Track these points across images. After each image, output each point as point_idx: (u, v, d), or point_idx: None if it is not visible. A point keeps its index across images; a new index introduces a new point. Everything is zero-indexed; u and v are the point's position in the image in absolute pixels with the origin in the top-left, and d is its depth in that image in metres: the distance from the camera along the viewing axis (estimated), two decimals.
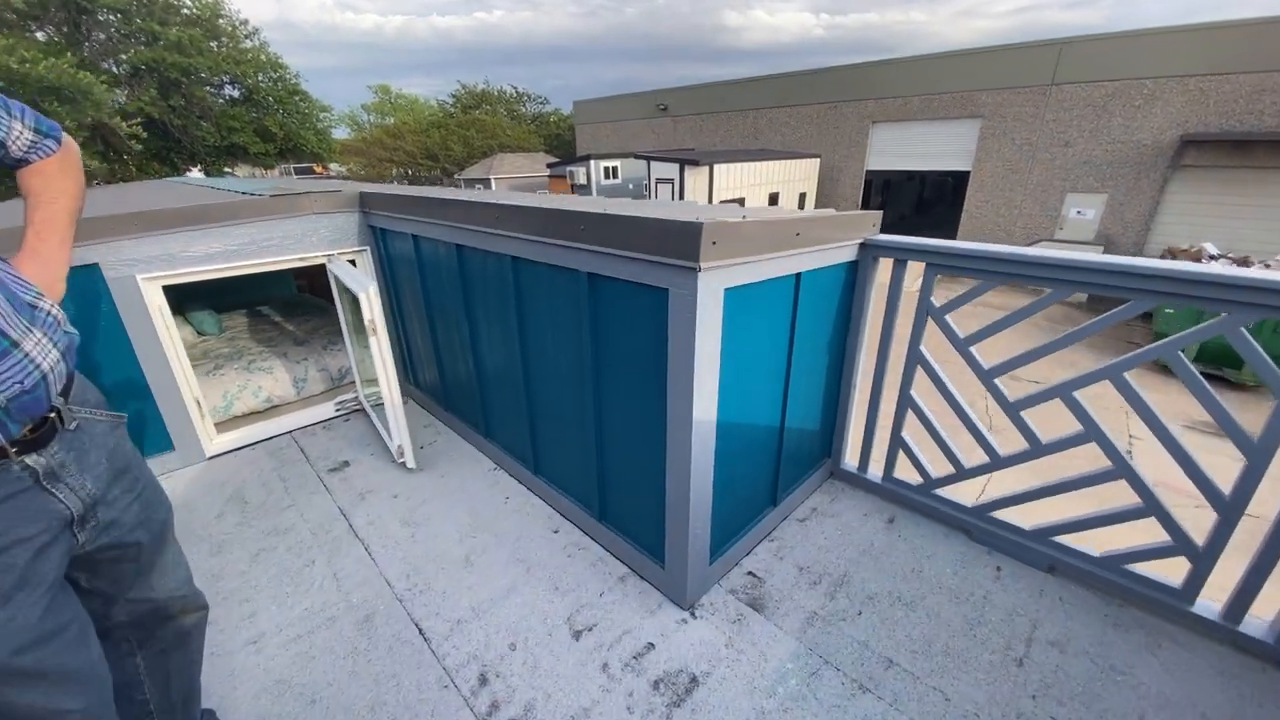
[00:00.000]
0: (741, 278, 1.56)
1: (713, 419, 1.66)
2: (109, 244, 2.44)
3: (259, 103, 21.63)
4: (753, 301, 1.69)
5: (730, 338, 1.63)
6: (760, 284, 1.68)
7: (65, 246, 1.06)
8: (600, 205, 1.81)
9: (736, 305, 1.61)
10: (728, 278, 1.51)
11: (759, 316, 1.76)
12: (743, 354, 1.74)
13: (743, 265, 1.54)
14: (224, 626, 1.90)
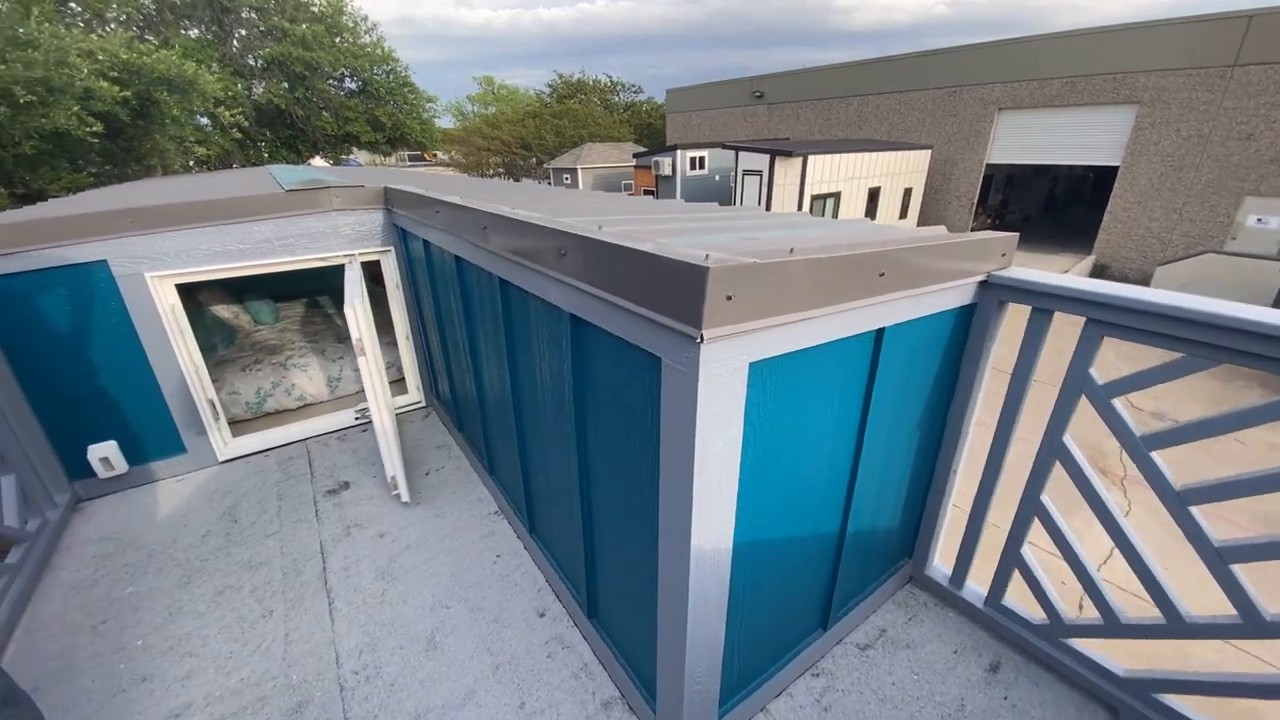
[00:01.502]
0: (779, 344, 1.02)
1: (725, 537, 1.13)
2: (116, 240, 2.32)
3: (372, 94, 23.13)
4: (800, 376, 1.13)
5: (760, 426, 1.09)
6: (814, 351, 1.11)
7: None
8: (593, 225, 1.32)
9: (771, 383, 1.07)
10: (754, 347, 0.97)
11: (811, 394, 1.20)
12: (780, 446, 1.19)
13: (782, 327, 0.99)
14: (157, 684, 1.67)
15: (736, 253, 0.96)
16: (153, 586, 2.06)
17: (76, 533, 2.33)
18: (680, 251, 0.94)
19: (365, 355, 2.16)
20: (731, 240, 1.35)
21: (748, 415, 1.04)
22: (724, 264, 0.84)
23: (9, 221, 2.15)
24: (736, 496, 1.10)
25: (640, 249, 0.96)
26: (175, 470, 2.72)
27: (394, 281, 3.09)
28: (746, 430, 1.05)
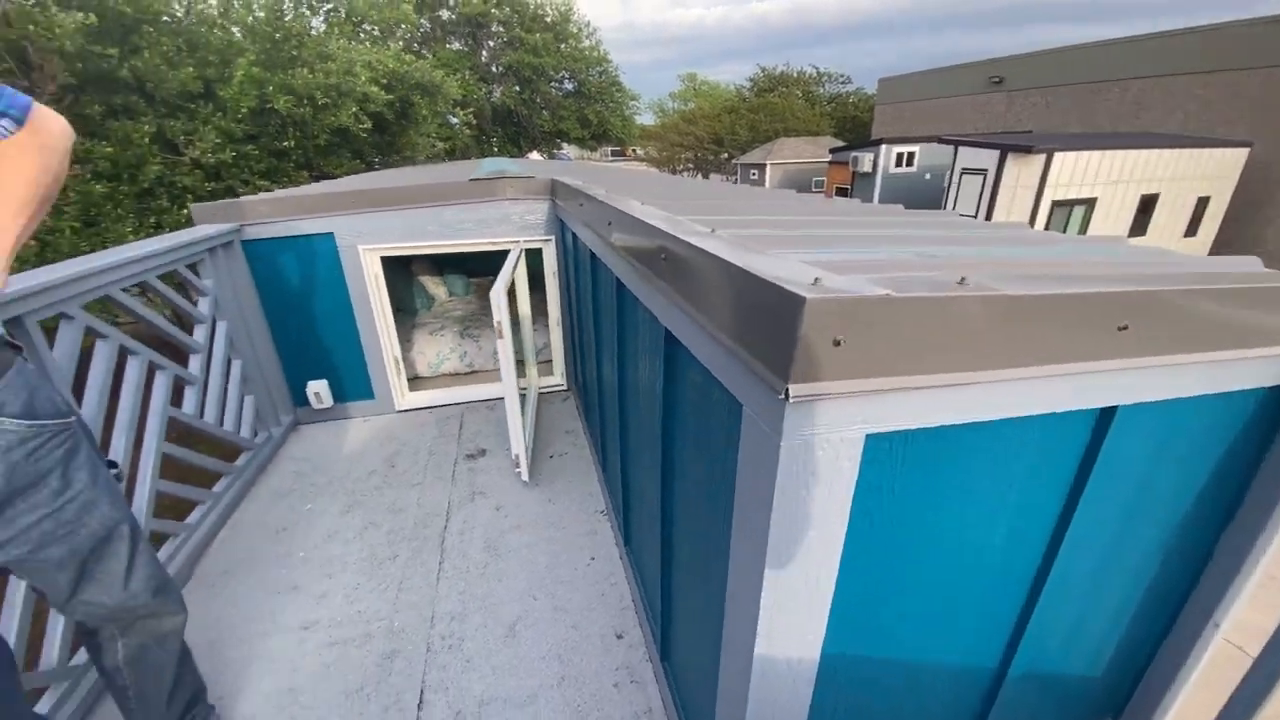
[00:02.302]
0: (921, 414, 0.72)
1: (809, 648, 0.87)
2: (342, 217, 2.79)
3: (585, 94, 25.34)
4: (955, 459, 0.80)
5: (881, 519, 0.80)
6: (984, 428, 0.78)
7: (6, 237, 0.97)
8: (705, 227, 1.11)
9: (903, 464, 0.77)
10: (878, 412, 0.69)
11: (973, 486, 0.85)
12: (912, 546, 0.87)
13: (929, 391, 0.69)
14: (301, 595, 1.96)
15: (875, 277, 0.69)
16: (323, 509, 2.45)
17: (288, 450, 2.90)
18: (781, 269, 0.70)
19: (503, 338, 2.27)
20: (887, 257, 1.03)
21: (860, 502, 0.76)
22: (833, 295, 0.59)
23: (269, 198, 2.73)
24: (832, 600, 0.83)
25: (730, 261, 0.75)
26: (363, 412, 3.24)
27: (551, 269, 3.24)
28: (856, 520, 0.78)
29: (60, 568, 1.06)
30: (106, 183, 4.94)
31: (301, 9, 6.95)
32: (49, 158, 0.99)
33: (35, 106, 0.99)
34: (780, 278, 0.66)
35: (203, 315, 2.44)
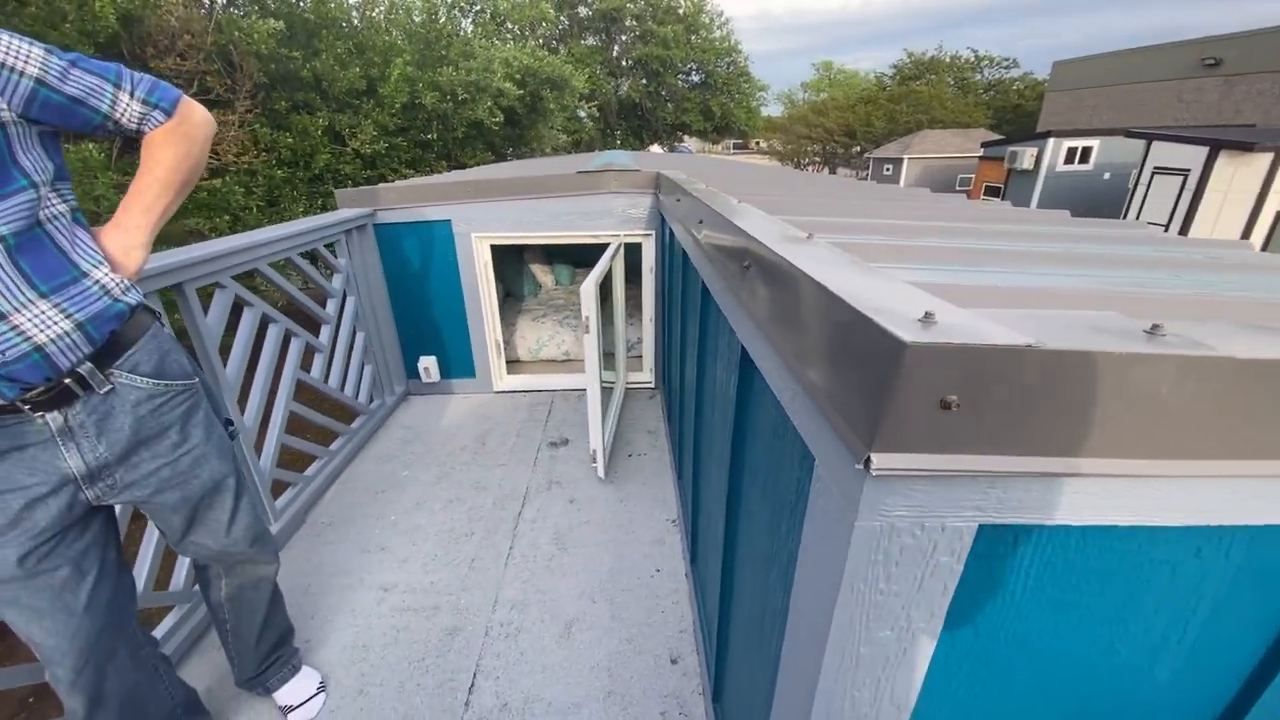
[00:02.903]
0: (1062, 507, 0.52)
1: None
2: (458, 206, 2.95)
3: (711, 86, 24.98)
4: (1109, 569, 0.59)
5: (991, 630, 0.62)
6: (1165, 534, 0.56)
7: (148, 213, 1.08)
8: (800, 231, 0.95)
9: (1028, 565, 0.57)
10: (999, 499, 0.51)
11: (1129, 605, 0.62)
12: (1032, 668, 0.66)
13: (1079, 479, 0.50)
14: (386, 556, 2.11)
15: (1016, 314, 0.51)
16: (418, 476, 2.62)
17: (397, 418, 3.15)
18: (882, 294, 0.55)
19: (588, 333, 2.24)
20: (1039, 284, 0.81)
21: (962, 606, 0.58)
22: (948, 341, 0.43)
23: (399, 186, 2.95)
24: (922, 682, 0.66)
25: (814, 277, 0.60)
26: (464, 389, 3.44)
27: (649, 265, 3.18)
28: (955, 629, 0.60)
29: (175, 511, 1.19)
30: (287, 169, 5.75)
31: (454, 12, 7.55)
32: (191, 145, 1.10)
33: (183, 99, 1.10)
34: (877, 307, 0.50)
35: (335, 290, 2.71)
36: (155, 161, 1.05)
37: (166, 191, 1.08)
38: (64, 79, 0.92)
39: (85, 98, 0.96)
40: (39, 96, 0.89)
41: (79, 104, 0.95)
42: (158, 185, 1.07)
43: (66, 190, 0.99)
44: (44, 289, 0.91)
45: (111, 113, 0.99)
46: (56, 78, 0.91)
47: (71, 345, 0.95)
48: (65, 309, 0.93)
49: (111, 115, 0.99)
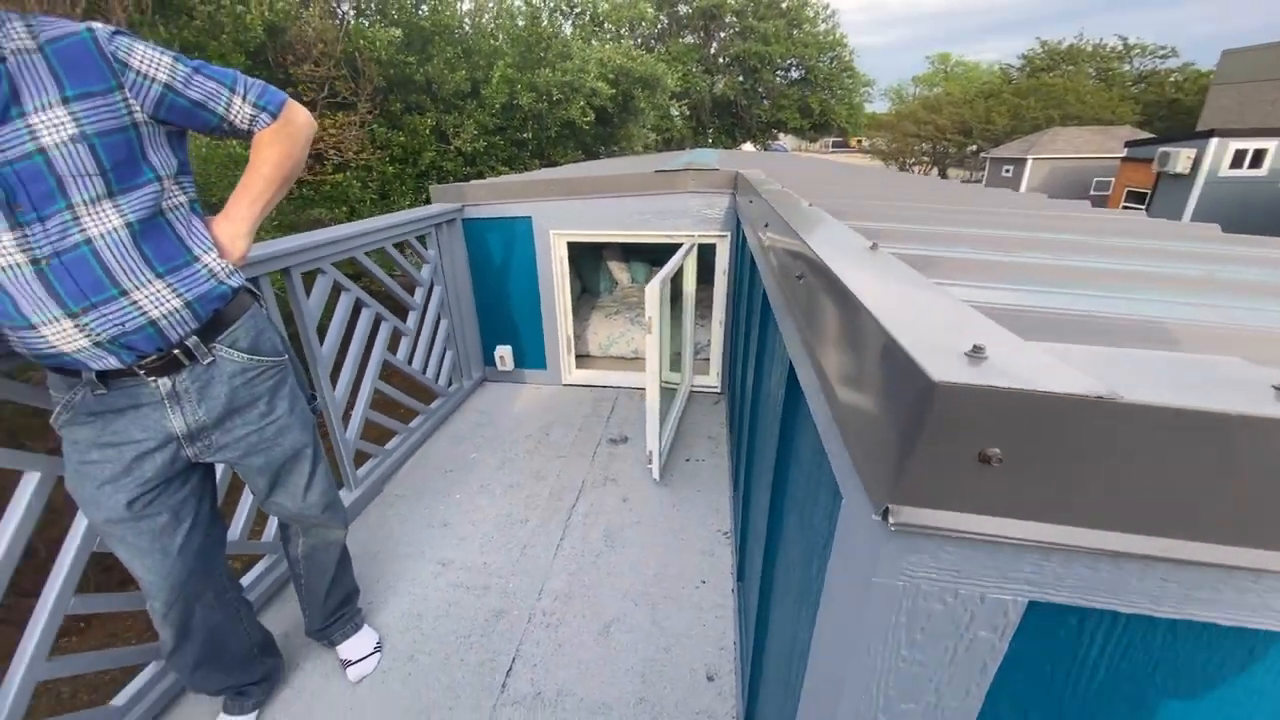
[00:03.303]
0: (1135, 592, 0.43)
1: None
2: (538, 203, 3.04)
3: (811, 81, 24.01)
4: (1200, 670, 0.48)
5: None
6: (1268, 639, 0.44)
7: (253, 206, 1.20)
8: (862, 242, 0.86)
9: (1086, 651, 0.48)
10: (1051, 573, 0.43)
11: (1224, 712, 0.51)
12: None
13: (1162, 564, 0.41)
14: (447, 533, 2.23)
15: (1099, 352, 0.43)
16: (484, 460, 2.75)
17: (472, 403, 3.33)
18: (930, 317, 0.48)
19: (651, 334, 2.23)
20: (1150, 316, 0.68)
21: (1005, 688, 0.50)
22: (992, 383, 0.36)
23: (486, 184, 3.10)
24: None
25: (857, 296, 0.54)
26: (535, 380, 3.56)
27: (722, 267, 3.10)
28: (997, 711, 0.52)
29: (260, 473, 1.32)
30: (398, 165, 6.26)
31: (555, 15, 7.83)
32: (292, 145, 1.21)
33: (288, 102, 1.21)
34: (917, 334, 0.44)
35: (423, 279, 2.90)
36: (262, 159, 1.17)
37: (269, 187, 1.20)
38: (188, 84, 1.04)
39: (205, 101, 1.08)
40: (166, 100, 1.02)
41: (200, 107, 1.08)
42: (262, 181, 1.18)
43: (187, 183, 1.12)
44: (160, 270, 1.04)
45: (227, 115, 1.11)
46: (181, 83, 1.03)
47: (180, 321, 1.08)
48: (177, 289, 1.06)
49: (226, 117, 1.11)
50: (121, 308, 1.00)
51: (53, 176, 0.91)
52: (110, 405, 1.08)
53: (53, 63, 0.92)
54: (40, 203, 0.91)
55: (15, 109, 0.89)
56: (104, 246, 0.97)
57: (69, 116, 0.92)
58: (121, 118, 0.97)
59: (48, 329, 0.96)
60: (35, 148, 0.90)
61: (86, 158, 0.93)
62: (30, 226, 0.91)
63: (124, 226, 0.98)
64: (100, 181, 0.95)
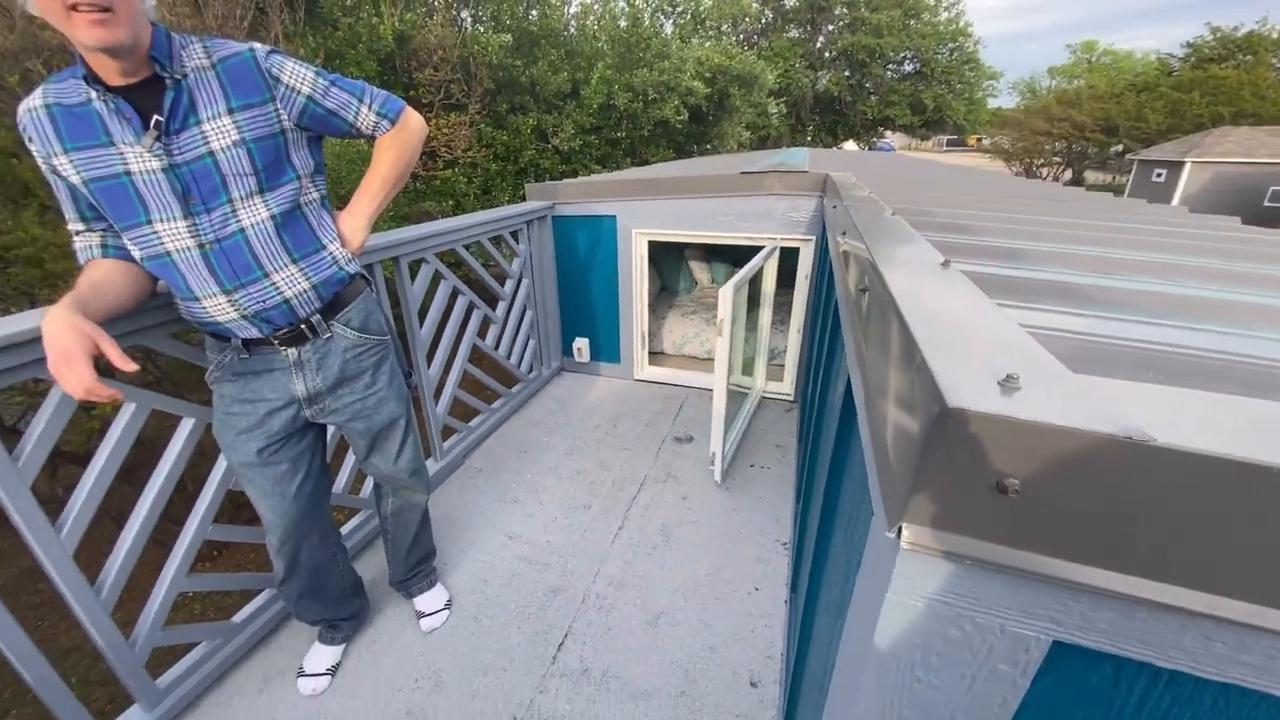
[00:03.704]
0: (1176, 649, 0.40)
1: None
2: (623, 202, 3.14)
3: (926, 75, 22.35)
4: None
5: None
6: None
7: (370, 202, 1.36)
8: (930, 253, 0.83)
9: (1123, 702, 0.46)
10: (1078, 614, 0.42)
11: None
12: None
13: (1204, 621, 0.38)
14: (516, 509, 2.39)
15: (1164, 392, 0.41)
16: (555, 444, 2.90)
17: (549, 390, 3.51)
18: (972, 345, 0.47)
19: (721, 336, 2.23)
20: (1246, 353, 0.61)
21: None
22: (1004, 415, 0.36)
23: (575, 183, 3.24)
24: None
25: (903, 312, 0.54)
26: (608, 373, 3.68)
27: (804, 272, 3.03)
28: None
29: (361, 437, 1.51)
30: (500, 162, 6.67)
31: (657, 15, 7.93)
32: (405, 148, 1.37)
33: (405, 109, 1.37)
34: (952, 357, 0.44)
35: (513, 272, 3.10)
36: (381, 161, 1.34)
37: (385, 185, 1.36)
38: (325, 95, 1.21)
39: (339, 110, 1.25)
40: (309, 110, 1.20)
41: (334, 115, 1.25)
42: (379, 181, 1.35)
43: (320, 181, 1.31)
44: (295, 256, 1.23)
45: (355, 121, 1.27)
46: (320, 95, 1.21)
47: (308, 300, 1.26)
48: (307, 273, 1.24)
49: (355, 124, 1.28)
50: (264, 287, 1.19)
51: (218, 175, 1.11)
52: (250, 368, 1.29)
53: (222, 78, 1.11)
54: (208, 197, 1.11)
55: (193, 118, 1.08)
56: (254, 235, 1.16)
57: (233, 125, 1.11)
58: (273, 125, 1.16)
59: (208, 302, 1.17)
60: (206, 151, 1.09)
61: (245, 160, 1.12)
62: (199, 216, 1.11)
63: (270, 218, 1.17)
64: (254, 180, 1.14)
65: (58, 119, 1.03)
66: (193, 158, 1.08)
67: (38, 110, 1.03)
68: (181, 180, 1.08)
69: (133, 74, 1.02)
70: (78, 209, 1.13)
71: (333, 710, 1.58)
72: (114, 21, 0.91)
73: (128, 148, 1.05)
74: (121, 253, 1.17)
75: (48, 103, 1.03)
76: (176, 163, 1.07)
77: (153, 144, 1.04)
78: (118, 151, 1.05)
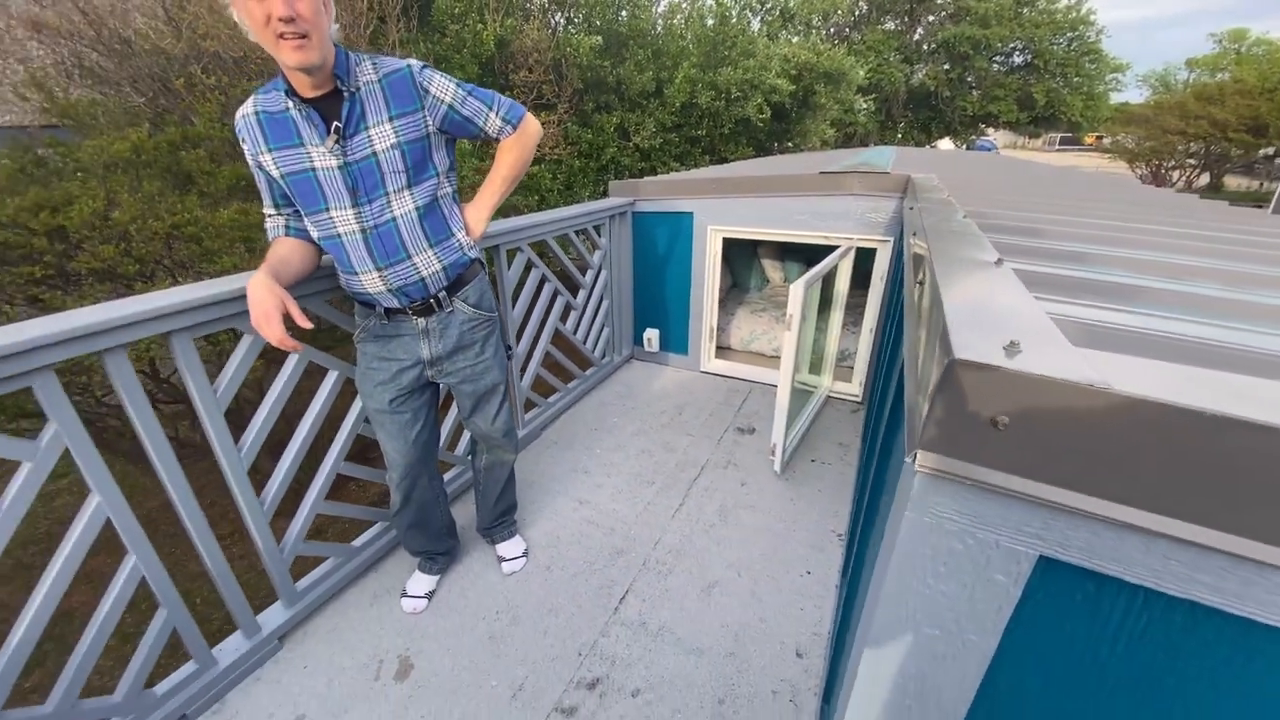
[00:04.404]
0: (1141, 566, 0.50)
1: None
2: (699, 200, 3.27)
3: (1038, 68, 20.54)
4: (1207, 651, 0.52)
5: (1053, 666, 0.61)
6: None
7: (492, 198, 1.59)
8: (984, 253, 0.90)
9: (1108, 616, 0.56)
10: (1060, 531, 0.53)
11: None
12: None
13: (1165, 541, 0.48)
14: (586, 479, 2.61)
15: (1151, 366, 0.51)
16: (623, 424, 3.10)
17: (619, 375, 3.72)
18: (992, 320, 0.59)
19: (790, 332, 2.32)
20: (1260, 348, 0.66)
21: (1024, 635, 0.60)
22: (999, 364, 0.49)
23: (655, 181, 3.41)
24: None
25: (942, 294, 0.66)
26: (676, 364, 3.83)
27: (880, 274, 3.03)
28: (1019, 664, 0.61)
29: (467, 398, 1.76)
30: (583, 159, 6.97)
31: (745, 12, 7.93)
32: (524, 150, 1.58)
33: (525, 115, 1.58)
34: (973, 328, 0.56)
35: (594, 264, 3.33)
36: (502, 161, 1.56)
37: (505, 183, 1.59)
38: (463, 104, 1.45)
39: (473, 117, 1.48)
40: (449, 116, 1.43)
41: (469, 121, 1.48)
42: (500, 179, 1.58)
43: (453, 178, 1.55)
44: (432, 241, 1.47)
45: (485, 127, 1.50)
46: (459, 104, 1.44)
47: (438, 279, 1.51)
48: (439, 256, 1.49)
49: (484, 128, 1.50)
50: (406, 267, 1.45)
51: (379, 172, 1.37)
52: (388, 332, 1.57)
53: (386, 91, 1.36)
54: (370, 190, 1.38)
55: (363, 124, 1.34)
56: (402, 223, 1.42)
57: (392, 130, 1.36)
58: (421, 130, 1.40)
59: (363, 276, 1.44)
60: (370, 152, 1.35)
61: (399, 160, 1.37)
62: (363, 206, 1.38)
63: (415, 209, 1.42)
64: (405, 177, 1.39)
65: (264, 124, 1.33)
66: (361, 157, 1.34)
67: (249, 116, 1.33)
68: (351, 176, 1.35)
69: (320, 88, 1.29)
70: (272, 196, 1.43)
71: (428, 627, 1.86)
72: (309, 46, 1.17)
73: (314, 148, 1.32)
74: (300, 233, 1.47)
75: (256, 110, 1.33)
76: (349, 161, 1.33)
77: (333, 146, 1.31)
78: (306, 151, 1.33)
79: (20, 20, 4.95)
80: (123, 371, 1.31)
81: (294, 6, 1.12)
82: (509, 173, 1.57)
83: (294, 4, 1.12)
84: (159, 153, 3.82)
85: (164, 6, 4.74)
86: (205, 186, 3.96)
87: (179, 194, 4.57)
